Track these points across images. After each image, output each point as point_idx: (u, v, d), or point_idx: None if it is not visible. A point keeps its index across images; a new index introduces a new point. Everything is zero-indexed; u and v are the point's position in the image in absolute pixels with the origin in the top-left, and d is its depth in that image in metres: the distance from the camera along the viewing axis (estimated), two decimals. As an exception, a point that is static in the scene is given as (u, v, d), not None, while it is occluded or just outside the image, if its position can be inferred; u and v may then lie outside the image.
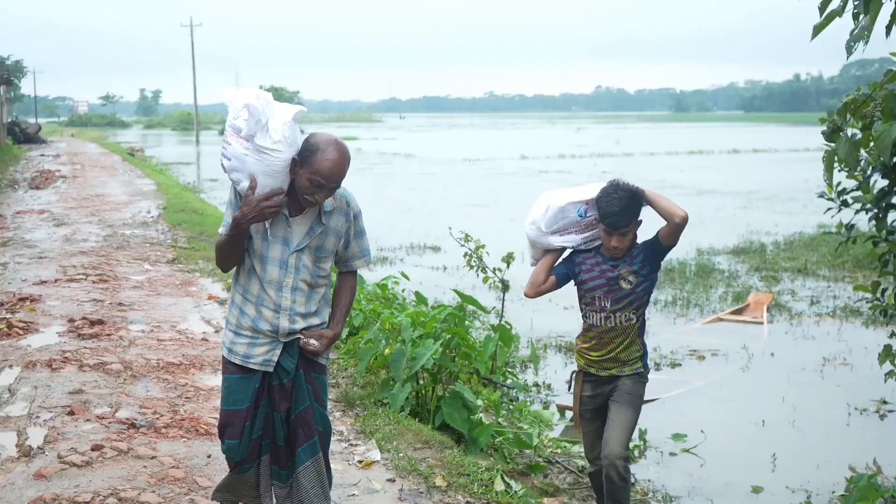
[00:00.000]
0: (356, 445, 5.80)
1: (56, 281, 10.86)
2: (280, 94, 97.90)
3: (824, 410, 8.71)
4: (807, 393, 9.20)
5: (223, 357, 3.99)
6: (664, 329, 11.81)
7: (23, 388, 6.67)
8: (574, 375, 4.95)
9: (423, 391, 7.02)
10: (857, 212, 8.86)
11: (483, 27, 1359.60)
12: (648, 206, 4.69)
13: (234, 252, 3.85)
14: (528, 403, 8.46)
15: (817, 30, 4.83)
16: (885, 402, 8.75)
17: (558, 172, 39.00)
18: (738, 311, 12.54)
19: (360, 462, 5.48)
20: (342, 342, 8.25)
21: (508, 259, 8.80)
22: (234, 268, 3.95)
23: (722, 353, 10.65)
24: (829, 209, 9.12)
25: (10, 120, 53.42)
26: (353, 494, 5.00)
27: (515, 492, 5.41)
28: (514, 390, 8.55)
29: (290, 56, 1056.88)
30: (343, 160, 3.71)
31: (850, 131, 5.41)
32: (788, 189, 30.82)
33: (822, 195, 9.27)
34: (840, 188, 9.13)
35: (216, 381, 6.90)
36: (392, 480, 5.24)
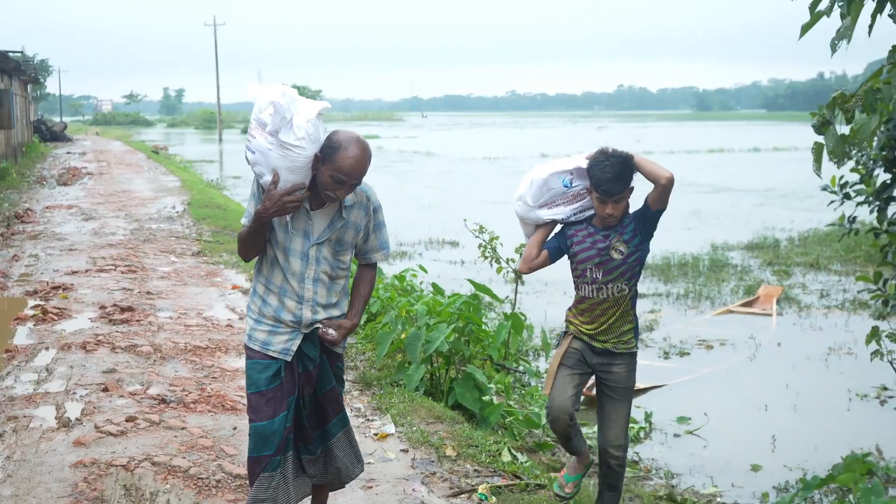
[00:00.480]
0: (372, 420, 6.16)
1: (87, 271, 11.28)
2: (302, 93, 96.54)
3: (826, 396, 9.01)
4: (810, 380, 9.50)
5: (245, 345, 4.06)
6: (675, 320, 12.10)
7: (59, 367, 7.08)
8: (563, 337, 4.82)
9: (437, 373, 7.38)
10: (859, 204, 9.18)
11: (505, 26, 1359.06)
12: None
13: (255, 243, 3.92)
14: (539, 388, 8.79)
15: (805, 29, 5.15)
16: (885, 389, 9.04)
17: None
18: (748, 304, 12.82)
19: (375, 435, 5.85)
20: (360, 328, 8.61)
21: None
22: (257, 258, 4.02)
23: (730, 342, 10.95)
24: (832, 202, 9.44)
25: (36, 118, 54.11)
26: (369, 462, 5.36)
27: (521, 463, 5.75)
28: (526, 376, 8.87)
29: (312, 55, 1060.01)
30: (364, 157, 3.78)
31: (838, 126, 5.71)
32: (806, 187, 30.87)
33: (825, 188, 9.59)
34: (843, 181, 9.44)
35: (241, 363, 7.28)
36: (405, 451, 5.60)
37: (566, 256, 4.72)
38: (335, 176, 3.72)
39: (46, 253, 12.79)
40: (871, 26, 4.92)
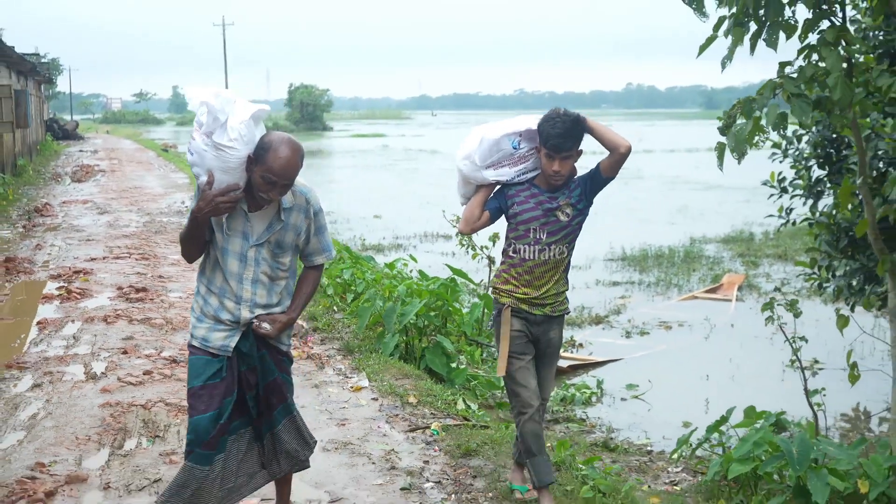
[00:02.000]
0: (350, 378, 7.27)
1: (104, 258, 12.44)
2: (310, 92, 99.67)
3: (764, 369, 10.09)
4: (753, 356, 10.58)
5: (188, 343, 4.14)
6: (642, 305, 13.22)
7: (84, 335, 8.22)
8: (500, 314, 4.76)
9: (411, 342, 8.48)
10: (793, 197, 10.31)
11: (514, 24, 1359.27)
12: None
13: (193, 244, 4.00)
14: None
15: (702, 49, 6.25)
16: (816, 362, 10.11)
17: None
18: (711, 290, 13.92)
19: (351, 387, 6.96)
20: (346, 305, 9.72)
21: (495, 238, 10.19)
22: (201, 259, 4.12)
23: (688, 324, 12.05)
24: (771, 195, 10.56)
25: (49, 117, 55.29)
26: (344, 407, 6.48)
27: (474, 411, 6.84)
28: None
29: (320, 54, 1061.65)
30: (295, 158, 3.84)
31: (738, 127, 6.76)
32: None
33: (765, 183, 10.72)
34: (781, 177, 10.57)
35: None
36: (375, 399, 6.72)
37: (504, 217, 4.72)
38: (266, 176, 3.78)
39: (66, 243, 13.95)
40: (752, 47, 6.02)
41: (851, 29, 6.14)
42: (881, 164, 7.50)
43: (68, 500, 4.81)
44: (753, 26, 5.96)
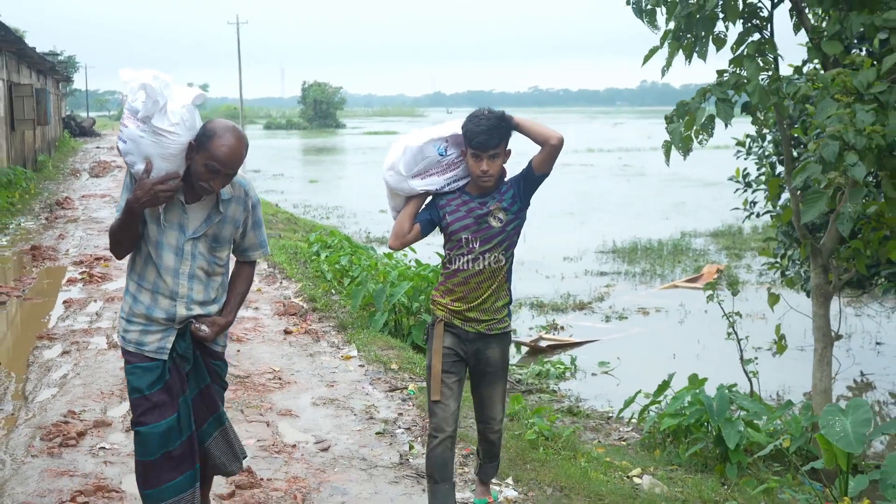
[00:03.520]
0: (342, 349, 8.18)
1: (122, 247, 13.39)
2: (324, 90, 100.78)
3: (729, 349, 10.92)
4: (720, 337, 11.41)
5: (121, 348, 3.91)
6: (625, 293, 14.09)
7: (106, 312, 9.17)
8: (433, 327, 4.48)
9: (399, 320, 9.38)
10: (755, 191, 11.18)
11: (528, 21, 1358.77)
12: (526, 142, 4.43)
13: (126, 237, 3.74)
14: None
15: (646, 59, 7.14)
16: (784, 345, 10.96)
17: (581, 165, 41.19)
18: (692, 280, 14.77)
19: (342, 357, 7.87)
20: (343, 287, 10.64)
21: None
22: (129, 256, 3.87)
23: (665, 310, 12.92)
24: (736, 189, 11.45)
25: (66, 114, 56.40)
26: (334, 372, 7.39)
27: (450, 377, 7.73)
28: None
29: (334, 51, 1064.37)
30: (240, 146, 3.66)
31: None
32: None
33: (730, 178, 11.61)
34: (745, 172, 11.46)
35: (247, 313, 9.33)
36: (362, 366, 7.63)
37: (438, 230, 4.49)
38: (210, 165, 3.61)
39: (86, 233, 14.93)
40: (688, 58, 6.91)
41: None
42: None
43: (96, 439, 5.74)
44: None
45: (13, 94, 23.03)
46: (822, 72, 6.40)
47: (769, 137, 10.79)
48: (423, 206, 4.43)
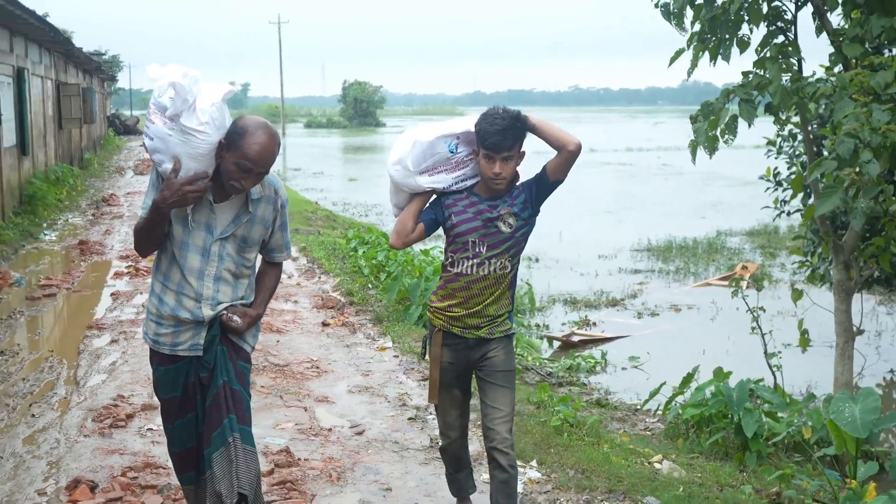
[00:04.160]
0: (377, 340, 8.47)
1: (167, 242, 13.81)
2: (364, 89, 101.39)
3: (757, 345, 11.09)
4: (751, 334, 11.59)
5: (151, 349, 3.83)
6: (658, 291, 14.26)
7: (152, 304, 9.53)
8: (431, 336, 4.33)
9: (433, 314, 9.65)
10: (785, 190, 11.34)
11: (569, 19, 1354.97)
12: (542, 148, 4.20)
13: (152, 237, 3.63)
14: (524, 335, 11.02)
15: (672, 60, 7.35)
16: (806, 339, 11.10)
17: (620, 164, 41.32)
18: (725, 278, 14.89)
19: (377, 348, 8.16)
20: (379, 282, 10.94)
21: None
22: (155, 255, 3.78)
23: (696, 307, 13.09)
24: (767, 188, 11.60)
25: (110, 113, 57.31)
26: (369, 362, 7.69)
27: (481, 369, 8.00)
28: (515, 325, 11.12)
29: (374, 50, 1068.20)
30: (272, 144, 3.55)
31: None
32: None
33: (762, 177, 11.77)
34: (776, 171, 11.62)
35: (286, 306, 9.65)
36: (396, 356, 7.92)
37: (441, 229, 4.27)
38: (241, 163, 3.50)
39: (131, 228, 15.30)
40: (713, 60, 7.12)
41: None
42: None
43: (143, 420, 6.07)
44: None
45: (61, 93, 23.59)
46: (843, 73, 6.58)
47: (800, 137, 10.94)
48: (427, 205, 4.23)
